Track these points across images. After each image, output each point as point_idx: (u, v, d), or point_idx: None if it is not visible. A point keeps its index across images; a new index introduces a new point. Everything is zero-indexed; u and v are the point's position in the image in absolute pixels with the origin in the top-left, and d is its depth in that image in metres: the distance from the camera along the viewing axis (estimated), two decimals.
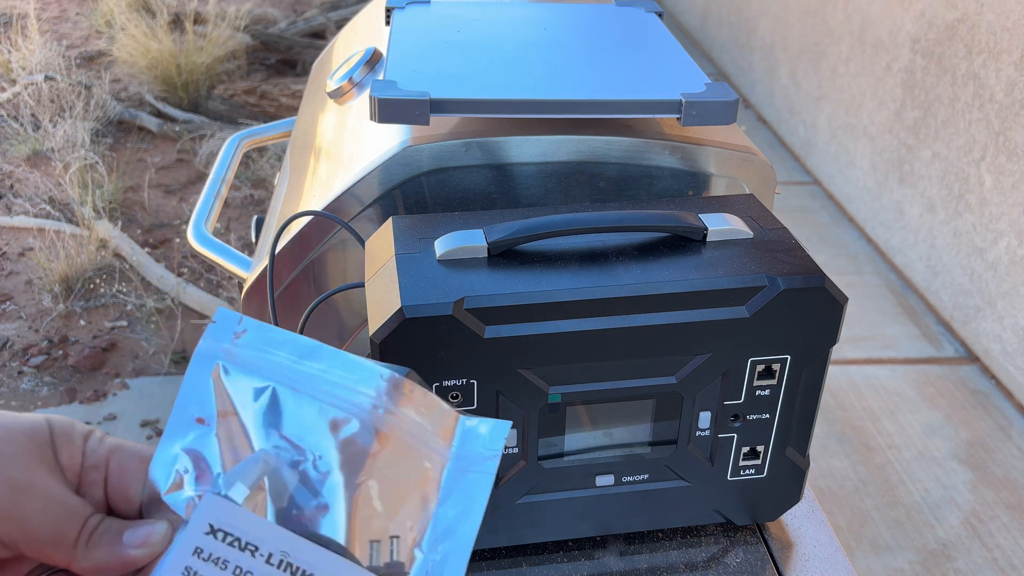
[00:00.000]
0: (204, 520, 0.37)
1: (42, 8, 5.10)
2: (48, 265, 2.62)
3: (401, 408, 0.42)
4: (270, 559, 0.38)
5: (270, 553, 0.38)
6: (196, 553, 0.37)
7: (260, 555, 0.37)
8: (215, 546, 0.37)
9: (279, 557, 0.38)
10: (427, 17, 0.89)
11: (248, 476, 0.40)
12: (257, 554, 0.37)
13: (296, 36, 4.44)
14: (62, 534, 0.36)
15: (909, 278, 2.62)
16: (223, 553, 0.37)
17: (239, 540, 0.37)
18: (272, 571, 0.37)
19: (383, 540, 0.41)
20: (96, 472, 0.38)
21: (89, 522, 0.37)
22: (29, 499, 0.35)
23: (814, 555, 0.68)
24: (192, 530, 0.37)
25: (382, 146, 0.75)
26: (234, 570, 0.37)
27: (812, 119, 3.26)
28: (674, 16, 5.22)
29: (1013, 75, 2.12)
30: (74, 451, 0.38)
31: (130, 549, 0.37)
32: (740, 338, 0.59)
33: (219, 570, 0.37)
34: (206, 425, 0.41)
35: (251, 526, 0.38)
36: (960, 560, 1.74)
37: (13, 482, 0.35)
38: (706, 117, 0.70)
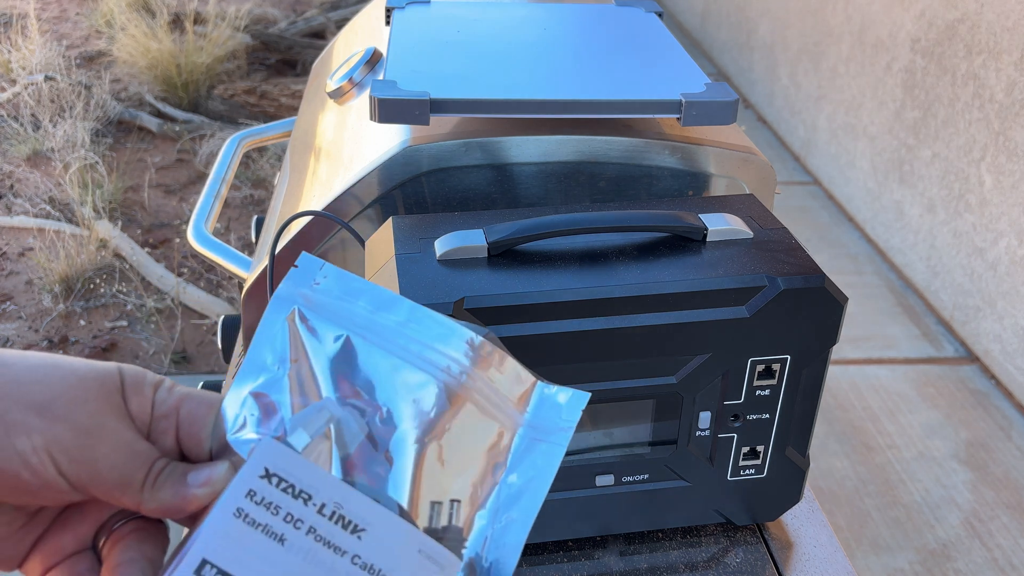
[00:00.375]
0: (260, 464, 0.37)
1: (42, 8, 5.10)
2: (48, 265, 2.62)
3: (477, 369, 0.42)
4: (322, 509, 0.37)
5: (323, 503, 0.37)
6: (249, 496, 0.36)
7: (313, 504, 0.37)
8: (268, 491, 0.36)
9: (332, 508, 0.37)
10: (427, 17, 0.89)
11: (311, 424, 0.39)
12: (310, 503, 0.37)
13: (296, 36, 4.44)
14: (129, 477, 0.37)
15: (909, 278, 2.62)
16: (275, 498, 0.36)
17: (293, 487, 0.37)
18: (323, 522, 0.37)
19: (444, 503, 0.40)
20: (166, 421, 0.39)
21: (155, 466, 0.38)
22: (98, 443, 0.36)
23: (814, 555, 0.68)
24: (247, 473, 0.37)
25: (382, 146, 0.75)
26: (285, 516, 0.36)
27: (812, 119, 3.26)
28: (674, 16, 5.22)
29: (1013, 75, 2.12)
30: (143, 401, 0.39)
31: (193, 488, 0.38)
32: (740, 338, 0.59)
33: (270, 515, 0.36)
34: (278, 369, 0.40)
35: (307, 474, 0.37)
36: (960, 560, 1.74)
37: (84, 427, 0.36)
38: (706, 117, 0.70)
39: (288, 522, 0.36)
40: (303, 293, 0.41)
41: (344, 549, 0.37)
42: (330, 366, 0.40)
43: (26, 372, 0.36)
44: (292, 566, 0.36)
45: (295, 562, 0.36)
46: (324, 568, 0.36)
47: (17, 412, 0.35)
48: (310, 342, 0.40)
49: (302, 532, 0.36)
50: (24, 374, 0.36)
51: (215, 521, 0.36)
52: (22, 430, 0.35)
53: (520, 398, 0.42)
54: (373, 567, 0.37)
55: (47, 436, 0.35)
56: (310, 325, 0.41)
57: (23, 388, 0.36)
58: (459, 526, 0.40)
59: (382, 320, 0.42)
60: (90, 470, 0.36)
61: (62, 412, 0.36)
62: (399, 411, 0.40)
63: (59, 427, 0.36)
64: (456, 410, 0.41)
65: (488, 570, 0.40)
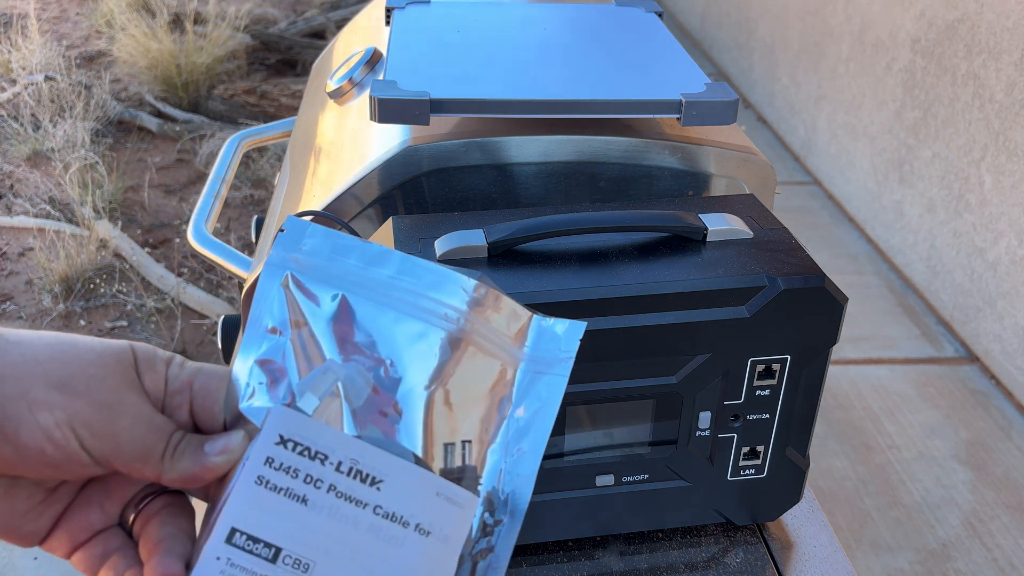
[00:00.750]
0: (274, 431, 0.38)
1: (42, 8, 5.10)
2: (48, 265, 2.62)
3: (474, 312, 0.42)
4: (340, 467, 0.38)
5: (340, 461, 0.38)
6: (267, 463, 0.37)
7: (330, 463, 0.38)
8: (286, 456, 0.38)
9: (349, 465, 0.38)
10: (427, 17, 0.89)
11: (318, 386, 0.40)
12: (327, 462, 0.38)
13: (296, 36, 4.44)
14: (149, 449, 0.38)
15: (909, 278, 2.62)
16: (293, 462, 0.38)
17: (309, 450, 0.38)
18: (343, 478, 0.38)
19: (456, 444, 0.41)
20: (180, 396, 0.40)
21: (173, 437, 0.39)
22: (119, 417, 0.38)
23: (814, 555, 0.68)
24: (263, 441, 0.38)
25: (382, 146, 0.75)
26: (304, 478, 0.37)
27: (812, 119, 3.26)
28: (674, 16, 5.22)
29: (1013, 75, 2.12)
30: (157, 377, 0.40)
31: (211, 457, 0.39)
32: (740, 338, 0.59)
33: (290, 479, 0.37)
34: (279, 335, 0.41)
35: (321, 436, 0.38)
36: (960, 560, 1.74)
37: (104, 401, 0.37)
38: (706, 117, 0.70)
39: (308, 483, 0.37)
40: (293, 257, 0.42)
41: (365, 502, 0.38)
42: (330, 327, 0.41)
43: (44, 350, 0.37)
44: (317, 524, 0.37)
45: (320, 520, 0.37)
46: (348, 522, 0.38)
47: (38, 389, 0.36)
48: (307, 305, 0.41)
49: (323, 491, 0.37)
50: (42, 352, 0.37)
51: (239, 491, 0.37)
52: (44, 406, 0.36)
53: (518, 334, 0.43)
54: (395, 515, 0.38)
55: (69, 411, 0.37)
56: (305, 288, 0.41)
57: (43, 366, 0.37)
58: (473, 465, 0.41)
59: (375, 275, 0.42)
60: (111, 443, 0.37)
61: (82, 388, 0.37)
62: (403, 362, 0.41)
63: (80, 402, 0.37)
64: (458, 354, 0.42)
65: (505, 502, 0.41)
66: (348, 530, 0.38)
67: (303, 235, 0.42)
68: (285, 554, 0.37)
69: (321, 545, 0.37)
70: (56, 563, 1.69)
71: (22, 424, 0.36)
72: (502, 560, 0.41)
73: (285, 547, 0.37)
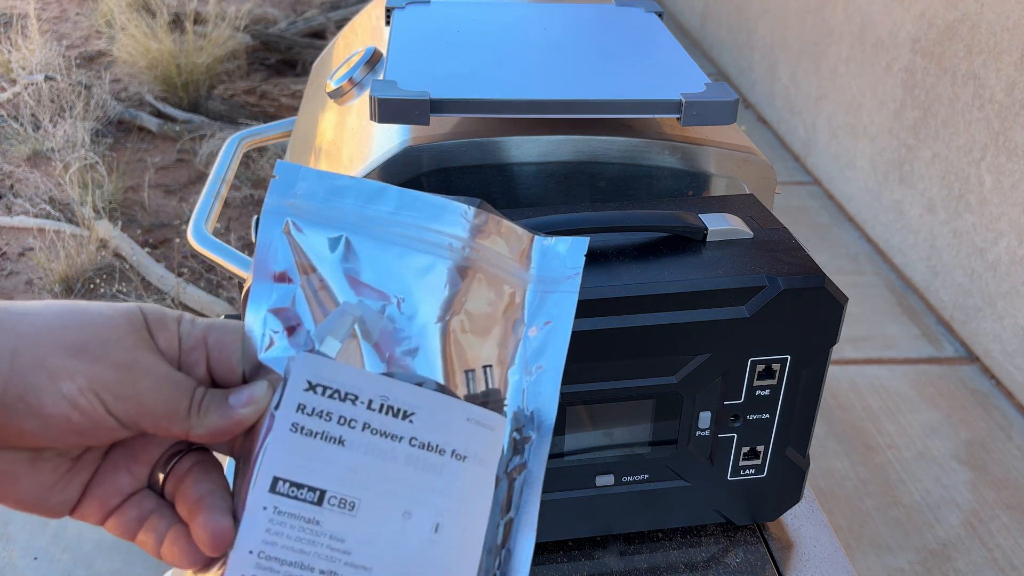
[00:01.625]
0: (302, 378, 0.38)
1: (42, 8, 5.10)
2: (48, 265, 2.62)
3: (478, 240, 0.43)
4: (371, 404, 0.38)
5: (370, 399, 0.39)
6: (299, 410, 0.38)
7: (361, 403, 0.38)
8: (316, 400, 0.38)
9: (379, 401, 0.39)
10: (427, 17, 0.89)
11: (337, 329, 0.40)
12: (358, 402, 0.38)
13: (296, 36, 4.44)
14: (175, 406, 0.38)
15: (909, 278, 2.62)
16: (325, 406, 0.38)
17: (338, 392, 0.38)
18: (375, 415, 0.38)
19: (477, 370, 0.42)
20: (196, 352, 0.40)
21: (196, 393, 0.39)
22: (140, 378, 0.37)
23: (814, 555, 0.68)
24: (292, 389, 0.38)
25: (382, 146, 0.75)
26: (338, 420, 0.38)
27: (812, 119, 3.26)
28: (674, 16, 5.22)
29: (1013, 75, 2.12)
30: (170, 336, 0.40)
31: (238, 409, 0.39)
32: (740, 338, 0.59)
33: (324, 422, 0.38)
34: (289, 283, 0.41)
35: (348, 377, 0.39)
36: (960, 560, 1.74)
37: (123, 363, 0.37)
38: (706, 117, 0.70)
39: (342, 424, 0.38)
40: (290, 203, 0.42)
41: (400, 435, 0.39)
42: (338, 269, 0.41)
43: (54, 318, 0.37)
44: (356, 462, 0.38)
45: (358, 457, 0.38)
46: (386, 457, 0.38)
47: (56, 357, 0.36)
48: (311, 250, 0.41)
49: (358, 430, 0.38)
50: (53, 320, 0.37)
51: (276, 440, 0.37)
52: (65, 373, 0.36)
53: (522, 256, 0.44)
54: (429, 444, 0.39)
55: (89, 376, 0.36)
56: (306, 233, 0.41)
57: (56, 334, 0.36)
58: (496, 387, 0.42)
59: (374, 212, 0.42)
60: (136, 405, 0.37)
61: (100, 352, 0.37)
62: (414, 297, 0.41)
63: (98, 366, 0.37)
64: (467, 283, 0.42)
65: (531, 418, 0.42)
66: (387, 464, 0.38)
67: (296, 179, 0.42)
68: (330, 495, 0.37)
69: (363, 482, 0.38)
70: (56, 562, 1.69)
71: (44, 394, 0.36)
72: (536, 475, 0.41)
73: (329, 489, 0.37)
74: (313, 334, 0.40)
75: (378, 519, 0.38)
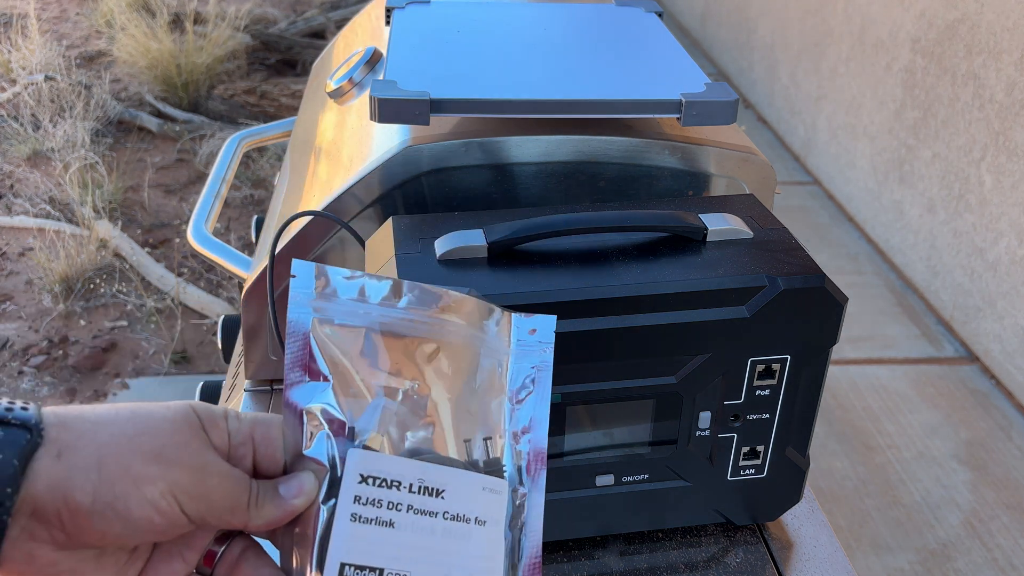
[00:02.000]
0: (356, 472, 0.44)
1: (42, 8, 5.10)
2: (48, 265, 2.62)
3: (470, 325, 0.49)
4: (411, 488, 0.44)
5: (411, 483, 0.44)
6: (356, 500, 0.43)
7: (404, 487, 0.44)
8: (368, 491, 0.44)
9: (418, 484, 0.44)
10: (427, 17, 0.89)
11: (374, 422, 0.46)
12: (401, 487, 0.44)
13: (296, 36, 4.44)
14: (238, 502, 0.42)
15: (909, 278, 2.62)
16: (376, 494, 0.44)
17: (386, 480, 0.44)
18: (416, 497, 0.44)
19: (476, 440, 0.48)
20: (244, 447, 0.44)
21: (252, 487, 0.43)
22: (208, 478, 0.41)
23: (814, 555, 0.68)
24: (348, 483, 0.43)
25: (382, 146, 0.75)
26: (388, 505, 0.44)
27: (812, 119, 3.26)
28: (674, 16, 5.22)
29: (1013, 75, 2.12)
30: (221, 433, 0.43)
31: (290, 500, 0.43)
32: (740, 338, 0.59)
33: (376, 509, 0.43)
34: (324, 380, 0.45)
35: (391, 465, 0.44)
36: (960, 560, 1.74)
37: (194, 466, 0.41)
38: (706, 117, 0.70)
39: (391, 509, 0.44)
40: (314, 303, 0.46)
41: (435, 511, 0.45)
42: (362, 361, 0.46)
43: (128, 426, 0.40)
44: (406, 540, 0.44)
45: (406, 536, 0.44)
46: (427, 532, 0.44)
47: (138, 464, 0.39)
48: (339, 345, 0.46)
49: (403, 512, 0.44)
50: (128, 427, 0.40)
51: (339, 530, 0.43)
52: (147, 480, 0.39)
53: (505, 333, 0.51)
54: (459, 515, 0.45)
55: (168, 481, 0.40)
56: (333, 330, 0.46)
57: (134, 441, 0.40)
58: (497, 456, 0.48)
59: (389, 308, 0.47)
60: (206, 503, 0.41)
61: (174, 456, 0.40)
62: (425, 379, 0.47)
63: (175, 470, 0.40)
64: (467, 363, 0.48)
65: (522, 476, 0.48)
66: (428, 538, 0.44)
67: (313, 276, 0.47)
68: (387, 572, 0.43)
69: (412, 556, 0.44)
70: None
71: (131, 500, 0.39)
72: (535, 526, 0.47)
73: (386, 567, 0.43)
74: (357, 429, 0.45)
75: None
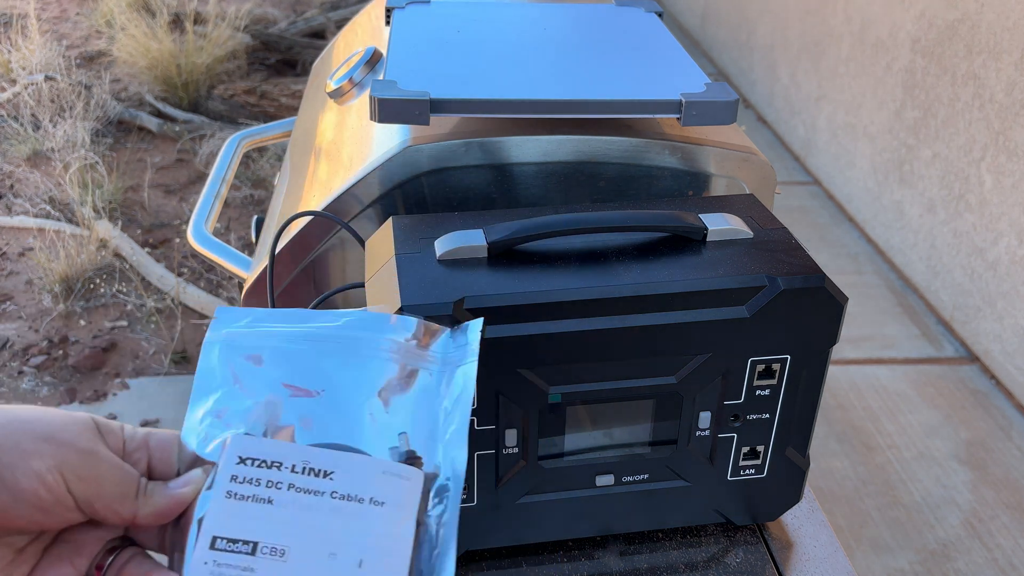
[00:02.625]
0: (234, 454, 0.46)
1: (42, 8, 5.10)
2: (48, 265, 2.62)
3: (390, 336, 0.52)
4: (295, 468, 0.46)
5: (293, 464, 0.46)
6: (233, 479, 0.45)
7: (285, 468, 0.46)
8: (247, 471, 0.46)
9: (302, 465, 0.46)
10: (427, 17, 0.89)
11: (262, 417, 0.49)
12: (283, 467, 0.46)
13: (296, 36, 4.44)
14: (126, 490, 0.45)
15: (909, 278, 2.62)
16: (254, 474, 0.46)
17: (265, 461, 0.46)
18: (299, 477, 0.46)
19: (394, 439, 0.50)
20: (139, 452, 0.47)
21: (142, 481, 0.46)
22: (98, 463, 0.44)
23: (814, 555, 0.68)
24: (225, 464, 0.46)
25: (382, 146, 0.75)
26: (266, 483, 0.46)
27: (812, 119, 3.26)
28: (674, 16, 5.22)
29: (1013, 75, 2.12)
30: (116, 438, 0.46)
31: (179, 489, 0.46)
32: (740, 338, 0.59)
33: (254, 487, 0.45)
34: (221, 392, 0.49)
35: (273, 448, 0.47)
36: (960, 560, 1.74)
37: (86, 450, 0.44)
38: (706, 117, 0.70)
39: (270, 487, 0.46)
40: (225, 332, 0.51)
41: (322, 490, 0.46)
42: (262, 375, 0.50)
43: (24, 412, 0.43)
44: (284, 516, 0.45)
45: (286, 513, 0.45)
46: (311, 509, 0.46)
47: (28, 442, 0.42)
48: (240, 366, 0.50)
49: (284, 490, 0.46)
50: (23, 413, 0.43)
51: (214, 507, 0.45)
52: (36, 454, 0.42)
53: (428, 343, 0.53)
54: (349, 495, 0.46)
55: (57, 458, 0.42)
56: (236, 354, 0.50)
57: (28, 424, 0.43)
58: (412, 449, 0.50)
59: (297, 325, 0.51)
60: (95, 486, 0.43)
61: (66, 439, 0.43)
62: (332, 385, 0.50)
63: (65, 450, 0.43)
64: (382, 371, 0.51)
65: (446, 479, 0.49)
66: (312, 515, 0.45)
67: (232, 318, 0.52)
68: (262, 546, 0.44)
69: (292, 531, 0.45)
70: None
71: (18, 470, 0.41)
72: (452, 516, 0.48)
73: (261, 540, 0.44)
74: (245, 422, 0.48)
75: (306, 561, 0.45)
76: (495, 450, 0.61)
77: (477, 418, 0.59)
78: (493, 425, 0.60)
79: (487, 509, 0.63)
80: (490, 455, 0.61)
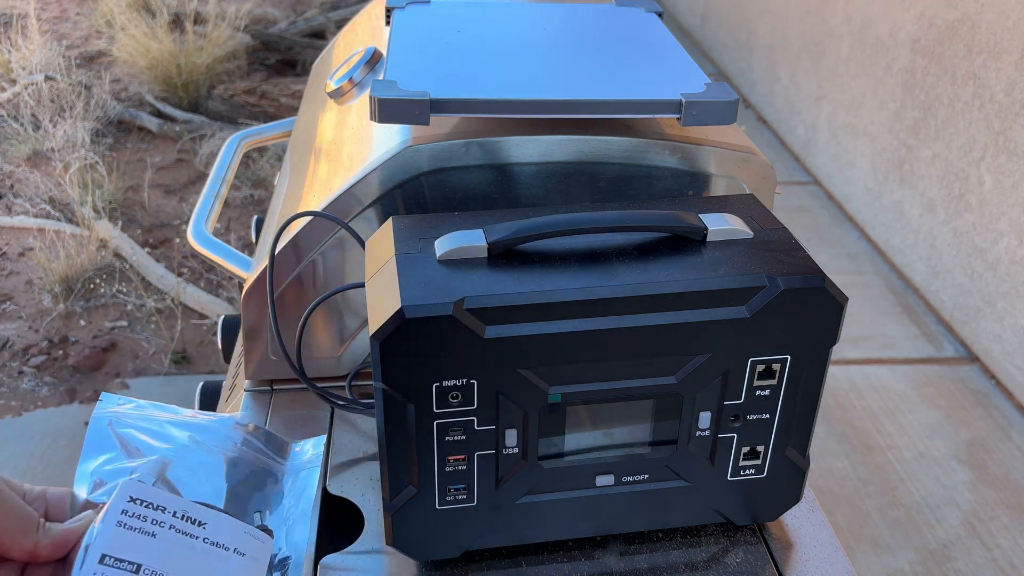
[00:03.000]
0: (126, 493, 0.56)
1: (42, 8, 5.10)
2: (48, 265, 2.62)
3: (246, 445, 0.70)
4: (175, 514, 0.57)
5: (175, 511, 0.57)
6: (123, 513, 0.55)
7: (168, 512, 0.56)
8: (136, 508, 0.55)
9: (182, 513, 0.57)
10: (427, 17, 0.89)
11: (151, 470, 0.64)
12: (167, 512, 0.56)
13: (296, 36, 4.44)
14: (27, 525, 0.53)
15: (909, 278, 2.62)
16: (142, 512, 0.55)
17: (152, 503, 0.56)
18: (178, 521, 0.56)
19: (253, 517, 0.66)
20: (38, 502, 0.56)
21: (40, 520, 0.54)
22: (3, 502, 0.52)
23: (814, 555, 0.68)
24: (119, 498, 0.55)
25: (382, 146, 0.75)
26: (152, 520, 0.55)
27: (812, 119, 3.26)
28: (674, 16, 5.22)
29: (1013, 75, 2.12)
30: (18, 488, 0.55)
31: (73, 523, 0.55)
32: (740, 338, 0.59)
33: (141, 522, 0.55)
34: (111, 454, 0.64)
35: (159, 496, 0.57)
36: (960, 560, 1.74)
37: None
38: (706, 117, 0.70)
39: (155, 524, 0.55)
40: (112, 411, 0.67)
41: (196, 535, 0.57)
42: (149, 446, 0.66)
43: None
44: (165, 548, 0.55)
45: (166, 546, 0.55)
46: (187, 547, 0.56)
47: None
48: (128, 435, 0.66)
49: (165, 528, 0.56)
50: None
51: (104, 530, 0.54)
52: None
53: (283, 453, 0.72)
54: (218, 543, 0.57)
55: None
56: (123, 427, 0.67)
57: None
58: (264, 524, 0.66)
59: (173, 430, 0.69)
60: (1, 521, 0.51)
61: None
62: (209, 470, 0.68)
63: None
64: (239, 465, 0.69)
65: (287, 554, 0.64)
66: (188, 552, 0.56)
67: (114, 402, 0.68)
68: (144, 568, 0.54)
69: (171, 562, 0.55)
70: None
71: None
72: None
73: (144, 563, 0.54)
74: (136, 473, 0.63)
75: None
76: (495, 450, 0.61)
77: (477, 418, 0.59)
78: (493, 425, 0.60)
79: (487, 509, 0.63)
80: (490, 455, 0.61)
